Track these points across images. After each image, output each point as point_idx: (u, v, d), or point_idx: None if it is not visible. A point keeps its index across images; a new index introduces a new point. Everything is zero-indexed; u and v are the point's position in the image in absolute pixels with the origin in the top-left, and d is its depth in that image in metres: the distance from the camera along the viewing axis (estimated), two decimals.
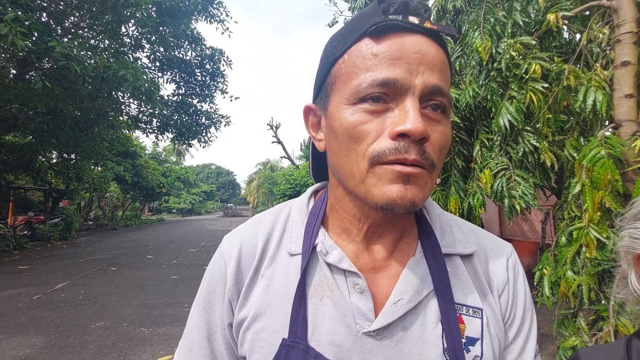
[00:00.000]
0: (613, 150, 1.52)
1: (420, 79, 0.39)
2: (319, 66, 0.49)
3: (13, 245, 9.80)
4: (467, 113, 2.40)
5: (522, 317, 0.49)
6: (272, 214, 0.56)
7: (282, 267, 0.49)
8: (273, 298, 0.47)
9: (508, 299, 0.49)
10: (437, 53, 0.41)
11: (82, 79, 6.24)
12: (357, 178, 0.42)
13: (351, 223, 0.49)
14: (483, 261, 0.51)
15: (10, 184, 12.73)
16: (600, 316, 1.64)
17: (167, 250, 10.26)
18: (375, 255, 0.48)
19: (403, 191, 0.39)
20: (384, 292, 0.46)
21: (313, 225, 0.50)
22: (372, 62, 0.40)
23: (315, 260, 0.48)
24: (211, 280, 0.52)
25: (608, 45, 1.73)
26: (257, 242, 0.51)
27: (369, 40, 0.41)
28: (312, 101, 0.52)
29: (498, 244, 0.54)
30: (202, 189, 48.66)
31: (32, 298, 5.14)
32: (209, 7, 10.18)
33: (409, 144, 0.38)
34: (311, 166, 0.61)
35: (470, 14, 2.49)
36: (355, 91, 0.41)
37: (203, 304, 0.52)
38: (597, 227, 1.59)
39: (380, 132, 0.40)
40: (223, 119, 11.90)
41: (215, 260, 0.53)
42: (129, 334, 3.82)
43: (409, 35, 0.40)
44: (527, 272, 4.62)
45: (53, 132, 10.07)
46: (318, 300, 0.46)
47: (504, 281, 0.50)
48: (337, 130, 0.43)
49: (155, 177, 21.82)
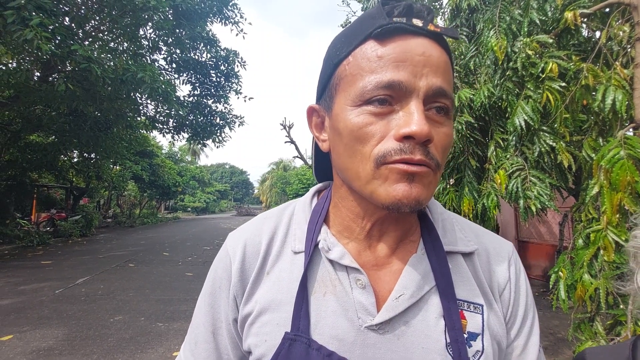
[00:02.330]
0: (633, 151, 1.48)
1: (425, 81, 0.40)
2: (322, 67, 0.50)
3: (36, 241, 10.21)
4: (482, 113, 2.36)
5: (524, 314, 0.50)
6: (276, 212, 0.57)
7: (286, 265, 0.50)
8: (277, 294, 0.48)
9: (509, 298, 0.50)
10: (441, 55, 0.42)
11: (102, 81, 6.44)
12: (363, 179, 0.42)
13: (354, 221, 0.49)
14: (484, 260, 0.51)
15: (34, 182, 13.22)
16: (618, 321, 1.60)
17: (183, 248, 10.46)
18: (378, 253, 0.49)
19: (408, 190, 0.40)
20: (386, 288, 0.47)
21: (315, 223, 0.51)
22: (377, 64, 0.40)
23: (318, 257, 0.49)
24: (216, 276, 0.53)
25: (628, 43, 1.68)
26: (261, 240, 0.52)
27: (373, 43, 0.41)
28: (315, 102, 0.53)
29: (499, 243, 0.54)
30: (217, 188, 49.31)
31: (55, 292, 5.34)
32: (223, 9, 10.31)
33: (414, 145, 0.39)
34: (314, 166, 0.62)
35: (485, 12, 2.46)
36: (361, 93, 0.41)
37: (209, 299, 0.53)
38: (615, 229, 1.55)
39: (385, 134, 0.40)
40: (237, 119, 12.04)
41: (220, 257, 0.54)
42: (146, 328, 3.93)
43: (413, 37, 0.41)
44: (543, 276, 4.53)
45: (74, 132, 10.42)
46: (321, 295, 0.46)
47: (505, 280, 0.50)
48: (342, 131, 0.43)
49: (172, 176, 22.27)
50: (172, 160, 26.20)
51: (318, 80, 0.51)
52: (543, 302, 5.00)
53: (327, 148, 0.50)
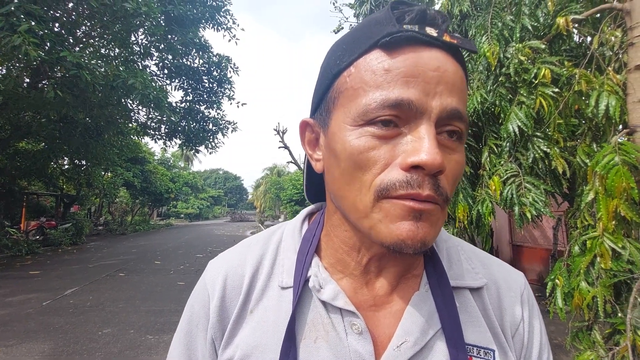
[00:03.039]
0: (628, 157, 1.47)
1: (438, 101, 0.34)
2: (319, 77, 0.43)
3: (25, 250, 9.98)
4: (475, 119, 2.35)
5: (539, 356, 0.44)
6: (262, 239, 0.51)
7: (272, 303, 0.44)
8: (262, 338, 0.42)
9: (523, 339, 0.44)
10: (457, 71, 0.36)
11: (92, 87, 6.36)
12: (361, 211, 0.37)
13: (349, 254, 0.44)
14: (494, 295, 0.46)
15: (23, 189, 12.99)
16: (617, 330, 1.58)
17: (175, 256, 10.30)
18: (376, 290, 0.43)
19: (414, 230, 0.34)
20: (386, 333, 0.41)
21: (306, 253, 0.45)
22: (384, 78, 0.35)
23: (309, 295, 0.43)
24: (193, 314, 0.47)
25: (621, 48, 1.68)
26: (244, 272, 0.46)
27: (380, 52, 0.36)
28: (309, 115, 0.47)
29: (510, 275, 0.48)
30: (210, 194, 49.05)
31: (42, 304, 5.19)
32: (216, 15, 10.31)
33: (423, 177, 0.34)
34: (305, 185, 0.55)
35: (477, 18, 2.46)
36: (363, 112, 0.35)
37: (184, 339, 0.47)
38: (612, 236, 1.53)
39: (389, 161, 0.35)
40: (230, 125, 11.98)
41: (197, 292, 0.48)
42: (135, 342, 3.82)
43: (426, 49, 0.35)
44: (538, 281, 4.53)
45: (64, 139, 10.28)
46: (311, 342, 0.41)
47: (519, 319, 0.45)
48: (340, 154, 0.38)
49: (164, 182, 22.07)
50: (165, 167, 25.97)
51: (314, 91, 0.45)
52: (539, 307, 4.98)
53: (320, 169, 0.44)
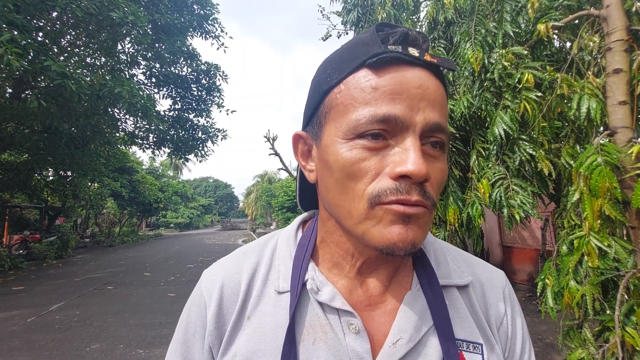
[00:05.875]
0: (610, 158, 1.51)
1: (422, 116, 0.38)
2: (310, 92, 0.46)
3: (8, 266, 9.62)
4: (462, 123, 2.40)
5: (522, 349, 0.48)
6: (257, 246, 0.52)
7: (269, 308, 0.45)
8: (261, 343, 0.43)
9: (507, 332, 0.48)
10: (438, 88, 0.40)
11: (77, 97, 6.26)
12: (355, 218, 0.39)
13: (343, 258, 0.46)
14: (479, 292, 0.49)
15: (5, 202, 12.60)
16: (606, 327, 1.61)
17: (165, 267, 10.10)
18: (371, 290, 0.46)
19: (404, 233, 0.37)
20: (382, 331, 0.43)
21: (302, 258, 0.46)
22: (372, 95, 0.38)
23: (306, 299, 0.45)
24: (189, 322, 0.47)
25: (599, 53, 1.74)
26: (240, 279, 0.47)
27: (367, 72, 0.39)
28: (301, 128, 0.49)
29: (492, 273, 0.52)
30: (200, 202, 48.47)
31: (27, 320, 5.01)
32: (204, 23, 10.32)
33: (410, 185, 0.37)
34: (298, 194, 0.58)
35: (462, 25, 2.52)
36: (354, 126, 0.38)
37: (180, 349, 0.47)
38: (597, 235, 1.57)
39: (379, 171, 0.38)
40: (219, 133, 11.92)
41: (193, 300, 0.49)
42: (125, 357, 3.72)
43: (409, 68, 0.38)
44: (528, 280, 4.60)
45: (49, 149, 10.04)
46: (310, 343, 0.42)
47: (502, 313, 0.48)
48: (333, 165, 0.40)
49: (153, 192, 21.71)
50: (154, 176, 25.56)
51: (305, 105, 0.48)
52: (530, 307, 5.05)
53: (314, 179, 0.46)
